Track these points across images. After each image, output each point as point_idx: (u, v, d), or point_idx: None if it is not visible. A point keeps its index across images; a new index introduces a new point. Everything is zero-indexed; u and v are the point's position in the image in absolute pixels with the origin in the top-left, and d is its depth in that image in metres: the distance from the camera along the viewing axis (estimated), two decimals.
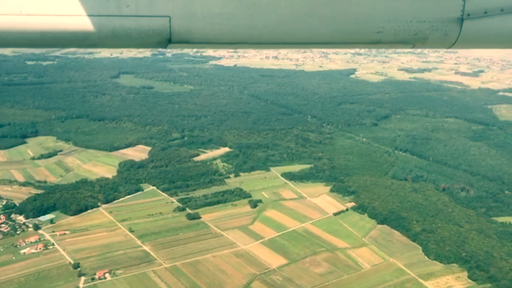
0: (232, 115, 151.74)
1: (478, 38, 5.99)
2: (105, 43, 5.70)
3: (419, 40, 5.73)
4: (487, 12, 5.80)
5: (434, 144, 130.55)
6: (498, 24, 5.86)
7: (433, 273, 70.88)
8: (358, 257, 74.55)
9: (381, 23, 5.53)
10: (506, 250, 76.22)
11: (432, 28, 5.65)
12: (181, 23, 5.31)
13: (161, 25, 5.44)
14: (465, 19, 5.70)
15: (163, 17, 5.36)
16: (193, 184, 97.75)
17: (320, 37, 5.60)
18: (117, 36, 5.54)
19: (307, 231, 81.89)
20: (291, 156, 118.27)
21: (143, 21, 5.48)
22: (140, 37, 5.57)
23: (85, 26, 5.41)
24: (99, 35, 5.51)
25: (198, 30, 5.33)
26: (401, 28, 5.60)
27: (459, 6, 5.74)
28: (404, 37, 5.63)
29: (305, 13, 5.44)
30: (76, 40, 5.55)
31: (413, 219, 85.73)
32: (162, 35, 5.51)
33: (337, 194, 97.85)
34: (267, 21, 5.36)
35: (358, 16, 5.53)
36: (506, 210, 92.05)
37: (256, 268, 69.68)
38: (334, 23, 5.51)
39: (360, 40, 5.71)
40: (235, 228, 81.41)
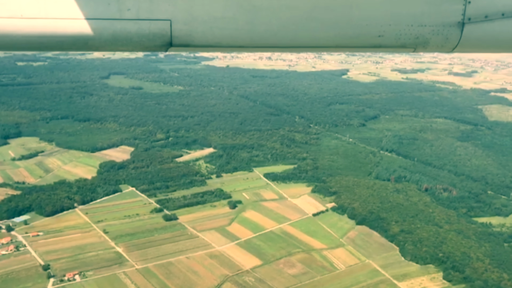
0: (219, 116, 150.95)
1: (479, 42, 5.98)
2: (106, 47, 5.67)
3: (420, 44, 5.71)
4: (488, 16, 5.77)
5: (420, 144, 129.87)
6: (499, 28, 5.84)
7: (408, 274, 70.05)
8: (334, 258, 73.70)
9: (382, 27, 5.51)
10: (483, 250, 75.42)
11: (433, 32, 5.64)
12: (182, 27, 5.30)
13: (162, 29, 5.43)
14: (466, 23, 5.67)
15: (164, 20, 5.33)
16: (173, 185, 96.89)
17: (321, 41, 5.58)
18: (118, 40, 5.54)
19: (284, 232, 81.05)
20: (275, 157, 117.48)
21: (144, 24, 5.46)
22: (141, 41, 5.56)
23: (86, 29, 5.41)
24: (100, 38, 5.50)
25: (199, 33, 5.32)
26: (402, 32, 5.58)
27: (460, 10, 5.72)
28: (405, 41, 5.62)
29: (305, 17, 5.42)
30: (77, 43, 5.53)
31: (393, 219, 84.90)
32: (163, 38, 5.51)
33: (318, 194, 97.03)
34: (268, 25, 5.34)
35: (359, 20, 5.50)
36: (487, 210, 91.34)
37: (229, 270, 68.80)
38: (335, 27, 5.49)
39: (361, 44, 5.69)
40: (212, 229, 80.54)
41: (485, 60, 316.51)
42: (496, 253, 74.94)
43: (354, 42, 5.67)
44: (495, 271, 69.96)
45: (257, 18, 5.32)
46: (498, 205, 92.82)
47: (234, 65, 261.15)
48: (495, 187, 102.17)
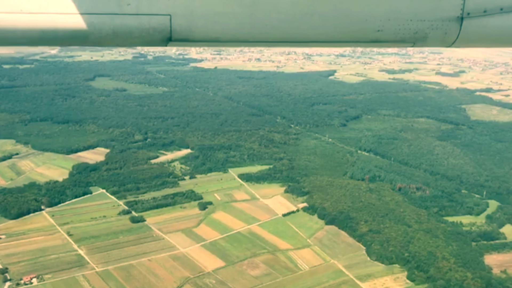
0: (200, 117, 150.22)
1: (477, 37, 5.98)
2: (106, 42, 5.66)
3: (419, 39, 5.72)
4: (487, 11, 5.77)
5: (399, 144, 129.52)
6: (498, 23, 5.84)
7: (372, 274, 69.47)
8: (299, 258, 73.07)
9: (381, 22, 5.50)
10: (450, 250, 74.98)
11: (432, 27, 5.63)
12: (181, 22, 5.29)
13: (162, 24, 5.41)
14: (465, 18, 5.66)
15: (164, 15, 5.32)
16: (144, 187, 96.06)
17: (321, 36, 5.57)
18: (118, 35, 5.52)
19: (252, 232, 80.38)
20: (251, 157, 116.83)
21: (144, 19, 5.45)
22: (141, 36, 5.54)
23: (86, 24, 5.38)
24: (100, 33, 5.48)
25: (199, 28, 5.31)
26: (401, 27, 5.57)
27: (459, 5, 5.71)
28: (404, 36, 5.62)
29: (305, 11, 5.41)
30: (77, 38, 5.50)
31: (362, 219, 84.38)
32: (163, 33, 5.49)
33: (291, 195, 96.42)
34: (268, 20, 5.33)
35: (358, 15, 5.49)
36: (459, 209, 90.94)
37: (190, 272, 68.06)
38: (335, 22, 5.48)
39: (360, 38, 5.69)
40: (178, 231, 79.80)
41: (473, 60, 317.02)
42: (462, 253, 74.50)
43: (353, 37, 5.67)
44: (460, 270, 69.50)
45: (257, 13, 5.31)
46: (470, 204, 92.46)
47: (223, 66, 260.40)
48: (469, 186, 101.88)
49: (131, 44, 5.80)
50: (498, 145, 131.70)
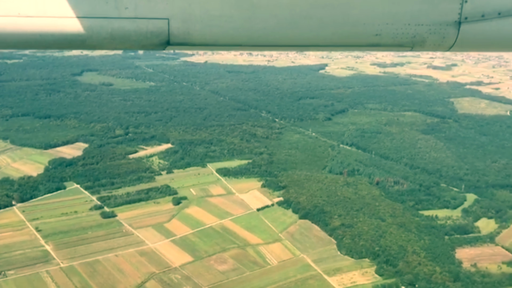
0: (184, 111, 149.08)
1: (475, 41, 6.00)
2: (103, 45, 5.65)
3: (417, 43, 5.73)
4: (485, 16, 5.79)
5: (382, 138, 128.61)
6: (496, 27, 5.86)
7: (340, 268, 68.80)
8: (268, 253, 72.36)
9: (380, 26, 5.51)
10: (421, 244, 74.31)
11: (430, 31, 5.65)
12: (179, 25, 5.30)
13: (160, 27, 5.43)
14: (463, 23, 5.69)
15: (162, 19, 5.32)
16: (119, 182, 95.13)
17: (319, 40, 5.57)
18: (115, 38, 5.53)
19: (224, 227, 79.60)
20: (231, 152, 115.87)
21: (142, 23, 5.46)
22: (139, 39, 5.56)
23: (83, 28, 5.39)
24: (98, 37, 5.49)
25: (197, 32, 5.31)
26: (399, 31, 5.58)
27: (457, 10, 5.75)
28: (402, 40, 5.63)
29: (303, 15, 5.40)
30: (74, 42, 5.50)
31: (336, 213, 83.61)
32: (161, 37, 5.52)
33: (268, 189, 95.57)
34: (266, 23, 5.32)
35: (356, 18, 5.49)
36: (436, 203, 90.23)
37: (157, 267, 67.31)
38: (333, 26, 5.48)
39: (358, 42, 5.70)
40: (149, 226, 78.97)
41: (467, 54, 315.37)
42: (433, 247, 73.86)
43: (351, 41, 5.69)
44: (429, 264, 68.87)
45: (255, 17, 5.31)
46: (447, 198, 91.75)
47: (213, 61, 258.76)
48: (448, 179, 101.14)
49: (129, 48, 5.79)
50: (482, 139, 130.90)
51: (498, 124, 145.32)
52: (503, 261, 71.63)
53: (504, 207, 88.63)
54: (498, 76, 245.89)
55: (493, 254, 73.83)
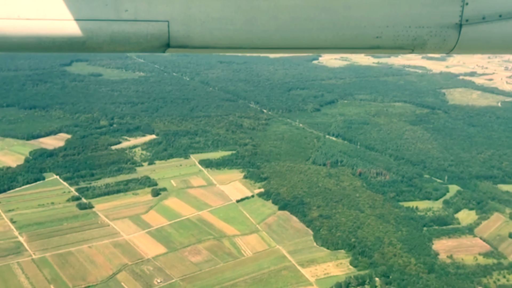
0: (172, 102, 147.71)
1: (476, 44, 5.99)
2: (103, 48, 5.62)
3: (417, 46, 5.72)
4: (485, 18, 5.80)
5: (369, 129, 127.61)
6: (496, 30, 5.85)
7: (315, 259, 68.34)
8: (244, 244, 71.83)
9: (380, 29, 5.50)
10: (398, 235, 73.81)
11: (431, 33, 5.64)
12: (179, 28, 5.27)
13: (160, 30, 5.43)
14: (464, 25, 5.69)
15: (162, 22, 5.31)
16: (99, 173, 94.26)
17: (319, 42, 5.56)
18: (115, 41, 5.50)
19: (201, 219, 78.98)
20: (216, 143, 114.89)
21: (142, 25, 5.45)
22: (139, 42, 5.55)
23: (83, 30, 5.37)
24: (98, 39, 5.47)
25: (197, 34, 5.27)
26: (399, 33, 5.57)
27: (458, 12, 5.76)
28: (403, 43, 5.61)
29: (304, 18, 5.40)
30: (74, 45, 5.47)
31: (316, 204, 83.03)
32: (161, 39, 5.51)
33: (249, 180, 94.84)
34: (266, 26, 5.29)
35: (357, 21, 5.49)
36: (417, 194, 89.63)
37: (129, 258, 66.79)
38: (333, 28, 5.47)
39: (358, 45, 5.69)
40: (126, 217, 78.29)
41: None
42: (411, 238, 73.37)
43: (352, 43, 5.68)
44: (404, 256, 68.45)
45: (255, 19, 5.31)
46: (429, 189, 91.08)
47: None
48: (432, 170, 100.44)
49: (128, 50, 5.74)
50: (470, 130, 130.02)
51: (488, 115, 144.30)
52: (480, 252, 71.26)
53: (486, 198, 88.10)
54: (493, 67, 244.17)
55: (470, 246, 73.41)
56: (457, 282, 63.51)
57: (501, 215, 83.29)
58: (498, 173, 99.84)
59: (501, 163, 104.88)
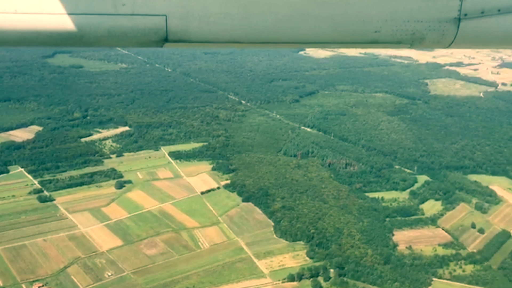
0: (149, 94, 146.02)
1: (475, 38, 5.99)
2: (101, 42, 5.61)
3: (416, 40, 5.70)
4: (484, 12, 5.78)
5: (345, 119, 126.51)
6: (495, 24, 5.84)
7: (272, 251, 67.73)
8: (202, 237, 71.13)
9: (378, 23, 5.47)
10: (359, 226, 73.21)
11: (429, 28, 5.62)
12: (177, 22, 5.23)
13: (158, 24, 5.36)
14: (462, 19, 5.66)
15: (160, 16, 5.25)
16: (64, 166, 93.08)
17: (317, 37, 5.52)
18: (113, 35, 5.47)
19: (162, 211, 78.13)
20: (189, 135, 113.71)
21: (139, 20, 5.40)
22: (136, 36, 5.51)
23: (81, 25, 5.33)
24: (95, 34, 5.43)
25: (195, 29, 5.24)
26: (398, 28, 5.54)
27: (456, 6, 5.73)
28: (402, 37, 5.58)
29: (302, 12, 5.37)
30: (71, 39, 5.41)
31: (280, 196, 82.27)
32: (159, 34, 5.45)
33: (218, 172, 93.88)
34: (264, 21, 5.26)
35: (355, 15, 5.45)
36: (384, 185, 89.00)
37: (83, 252, 66.02)
38: (331, 23, 5.43)
39: (357, 39, 5.66)
40: (86, 210, 77.35)
41: None
42: (371, 229, 72.79)
43: (350, 38, 5.64)
44: (362, 247, 67.92)
45: (253, 14, 5.24)
46: (397, 180, 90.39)
47: None
48: (403, 161, 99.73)
49: (126, 45, 5.69)
50: (447, 120, 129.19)
51: (467, 105, 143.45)
52: (440, 243, 70.84)
53: (453, 189, 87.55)
54: (480, 57, 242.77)
55: (431, 236, 72.94)
56: (412, 273, 63.04)
57: (467, 206, 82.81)
58: (469, 163, 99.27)
59: (473, 153, 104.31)
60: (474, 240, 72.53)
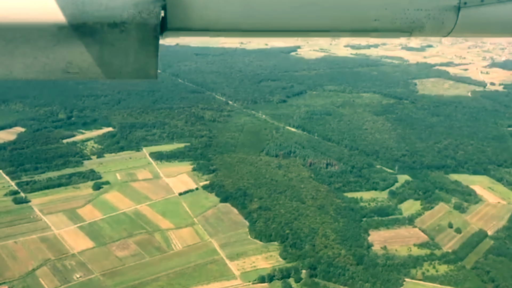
0: (136, 94, 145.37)
1: (474, 27, 5.95)
2: None
3: (416, 29, 5.65)
4: (484, 1, 5.75)
5: (330, 119, 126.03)
6: (495, 12, 5.79)
7: (245, 252, 67.15)
8: (176, 238, 70.53)
9: (378, 11, 5.47)
10: (334, 226, 72.69)
11: (429, 16, 5.59)
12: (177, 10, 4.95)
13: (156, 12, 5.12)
14: (462, 8, 5.64)
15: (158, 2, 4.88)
16: (43, 167, 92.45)
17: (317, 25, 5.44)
18: None
19: (137, 213, 77.51)
20: (172, 135, 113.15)
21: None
22: None
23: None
24: None
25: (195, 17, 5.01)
26: (397, 16, 5.51)
27: None
28: (401, 26, 5.56)
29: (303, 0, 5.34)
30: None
31: (258, 196, 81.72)
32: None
33: (198, 173, 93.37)
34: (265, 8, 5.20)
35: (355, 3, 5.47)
36: (364, 185, 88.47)
37: (54, 253, 65.38)
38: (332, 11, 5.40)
39: (357, 28, 5.60)
40: (60, 211, 76.68)
41: None
42: (346, 229, 72.27)
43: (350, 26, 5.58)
44: (335, 247, 67.39)
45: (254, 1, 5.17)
46: (377, 180, 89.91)
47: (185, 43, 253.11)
48: (384, 160, 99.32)
49: None
50: (433, 119, 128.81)
51: (454, 105, 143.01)
52: (415, 243, 70.36)
53: (433, 188, 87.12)
54: (471, 57, 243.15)
55: (407, 236, 72.46)
56: (384, 274, 62.53)
57: (445, 205, 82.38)
58: (451, 162, 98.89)
59: (456, 153, 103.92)
60: (450, 240, 72.06)
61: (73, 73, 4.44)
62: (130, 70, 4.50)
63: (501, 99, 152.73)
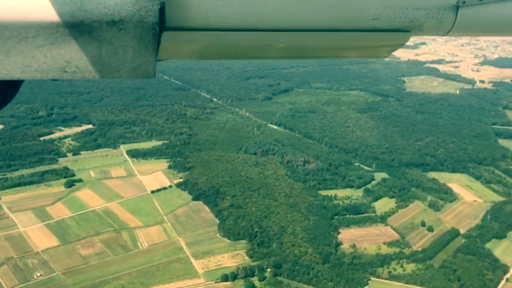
0: (119, 91, 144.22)
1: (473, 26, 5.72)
2: None
3: (414, 28, 5.36)
4: (483, 0, 5.57)
5: (313, 117, 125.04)
6: (494, 11, 5.63)
7: (212, 250, 66.31)
8: (143, 236, 69.65)
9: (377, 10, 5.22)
10: (304, 224, 71.83)
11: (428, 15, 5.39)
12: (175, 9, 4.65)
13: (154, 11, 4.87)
14: (461, 7, 5.41)
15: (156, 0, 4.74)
16: (17, 164, 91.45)
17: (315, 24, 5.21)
18: None
19: (107, 211, 76.56)
20: (151, 133, 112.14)
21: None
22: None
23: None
24: None
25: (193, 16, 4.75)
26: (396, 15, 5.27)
27: None
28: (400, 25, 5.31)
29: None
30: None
31: (231, 194, 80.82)
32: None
33: (173, 170, 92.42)
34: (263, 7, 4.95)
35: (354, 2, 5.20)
36: (340, 182, 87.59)
37: (17, 252, 64.49)
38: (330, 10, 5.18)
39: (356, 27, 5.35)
40: (29, 209, 75.71)
41: None
42: (316, 227, 71.41)
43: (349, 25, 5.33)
44: (303, 245, 66.57)
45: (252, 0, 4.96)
46: (353, 177, 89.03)
47: None
48: (363, 158, 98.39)
49: None
50: (417, 117, 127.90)
51: (440, 103, 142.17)
52: (385, 241, 69.56)
53: (409, 186, 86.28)
54: (463, 55, 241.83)
55: (378, 235, 71.63)
56: (349, 273, 61.70)
57: (420, 203, 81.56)
58: (431, 160, 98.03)
59: (436, 151, 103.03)
60: (421, 238, 71.26)
61: (71, 72, 4.11)
62: (129, 69, 4.14)
63: (488, 96, 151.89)
